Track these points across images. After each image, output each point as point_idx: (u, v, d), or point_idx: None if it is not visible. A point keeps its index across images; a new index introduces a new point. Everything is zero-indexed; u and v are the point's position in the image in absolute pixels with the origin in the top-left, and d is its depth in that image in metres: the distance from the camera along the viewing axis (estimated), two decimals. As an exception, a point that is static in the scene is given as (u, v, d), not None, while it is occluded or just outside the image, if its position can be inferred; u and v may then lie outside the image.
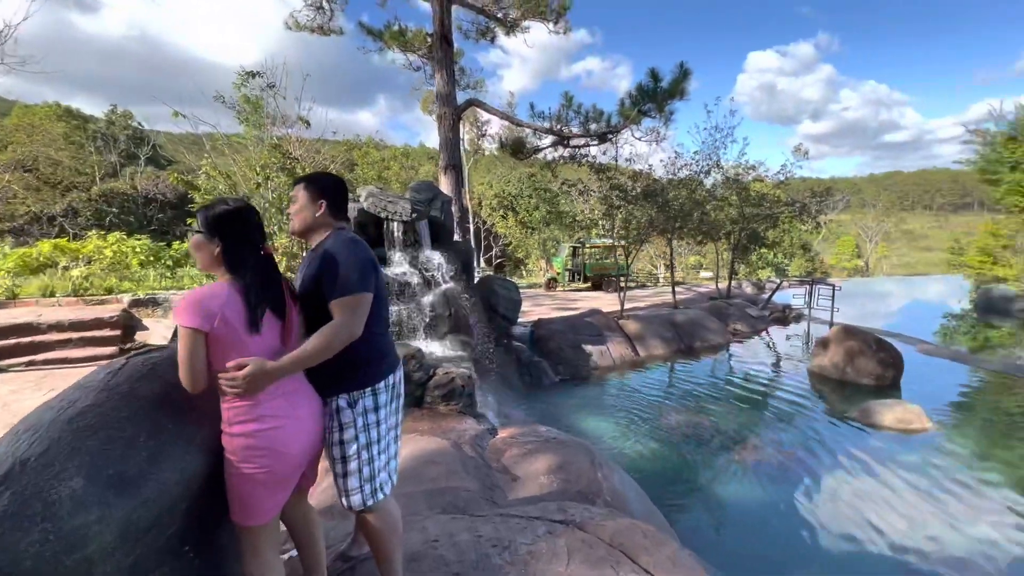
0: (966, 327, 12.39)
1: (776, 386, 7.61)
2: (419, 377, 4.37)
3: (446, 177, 9.41)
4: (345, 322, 1.59)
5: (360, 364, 1.72)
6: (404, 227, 6.40)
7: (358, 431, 1.70)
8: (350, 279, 1.61)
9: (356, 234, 1.85)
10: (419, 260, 6.39)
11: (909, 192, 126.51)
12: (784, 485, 4.59)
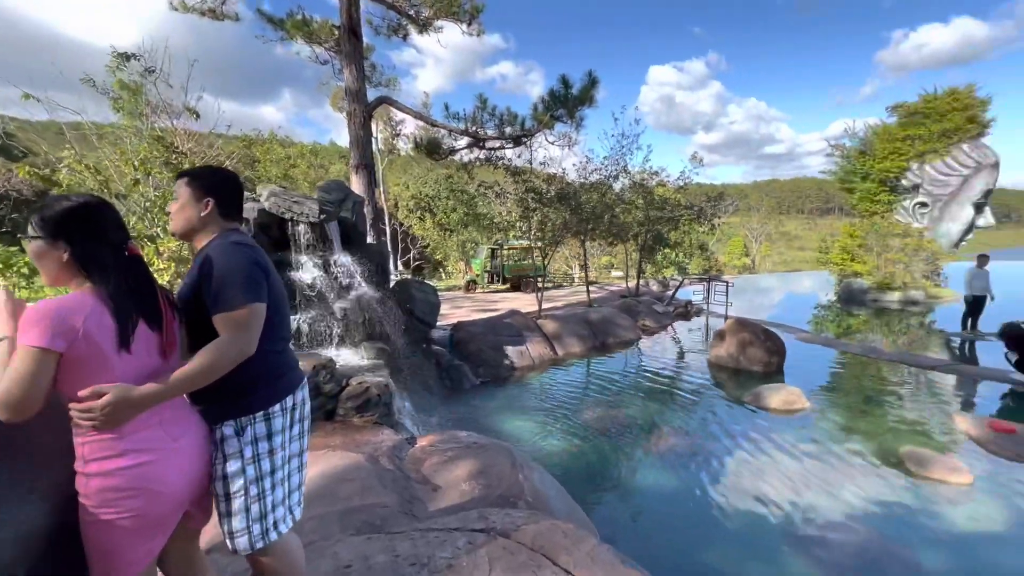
0: (832, 316, 14.18)
1: (681, 376, 8.19)
2: (331, 389, 4.11)
3: (358, 177, 9.00)
4: (233, 339, 1.38)
5: (249, 386, 1.51)
6: (312, 229, 6.00)
7: (245, 463, 1.48)
8: (234, 289, 1.40)
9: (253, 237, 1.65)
10: (330, 264, 6.03)
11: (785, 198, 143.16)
12: (691, 468, 4.93)
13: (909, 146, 15.18)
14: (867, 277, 15.35)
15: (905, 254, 14.85)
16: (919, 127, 15.07)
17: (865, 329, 12.18)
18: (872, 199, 16.10)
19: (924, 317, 13.40)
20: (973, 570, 3.49)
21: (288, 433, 1.60)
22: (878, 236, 15.37)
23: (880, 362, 8.62)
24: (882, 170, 15.61)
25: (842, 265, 16.26)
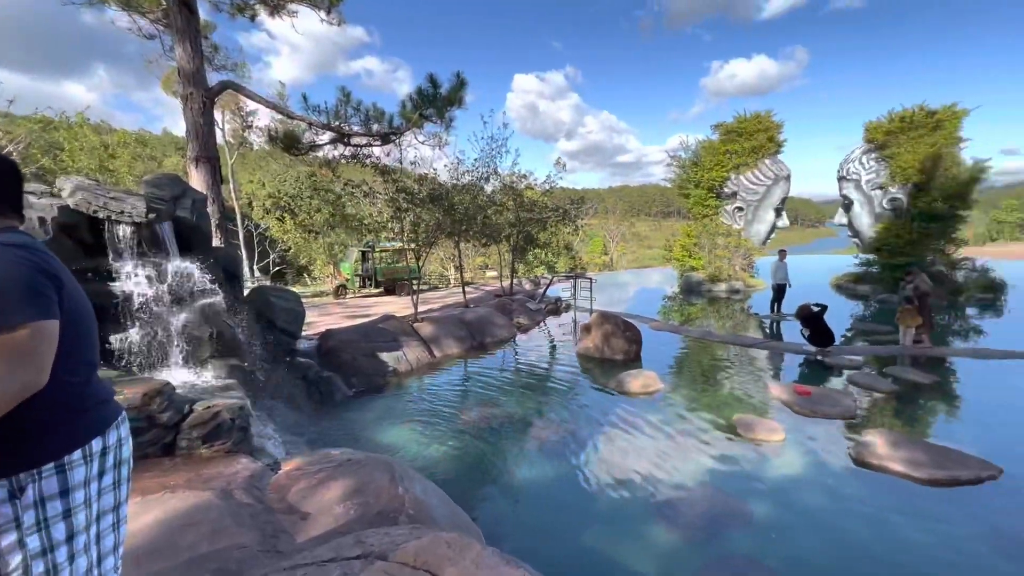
0: (676, 306, 16.18)
1: (554, 370, 8.63)
2: (169, 418, 3.49)
3: (198, 171, 7.84)
4: (10, 369, 1.07)
5: (34, 430, 1.17)
6: (138, 230, 5.07)
7: (25, 533, 1.15)
8: (8, 303, 1.10)
9: (53, 241, 1.28)
10: (164, 272, 5.15)
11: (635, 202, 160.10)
12: (566, 455, 5.21)
13: (728, 159, 18.04)
14: (702, 271, 17.86)
15: (728, 251, 17.62)
16: (735, 143, 17.99)
17: (702, 316, 14.10)
18: (703, 204, 18.79)
19: (744, 303, 15.96)
20: (788, 507, 4.22)
21: (96, 485, 1.28)
22: (708, 235, 17.99)
23: (714, 344, 10.05)
24: (710, 179, 18.31)
25: (682, 261, 18.68)
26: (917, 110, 15.52)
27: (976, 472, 4.56)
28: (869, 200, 16.93)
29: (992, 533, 3.85)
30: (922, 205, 15.07)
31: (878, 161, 16.51)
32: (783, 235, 19.61)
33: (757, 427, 5.62)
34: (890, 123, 16.11)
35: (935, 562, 3.55)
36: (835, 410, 6.20)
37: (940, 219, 14.98)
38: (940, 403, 6.72)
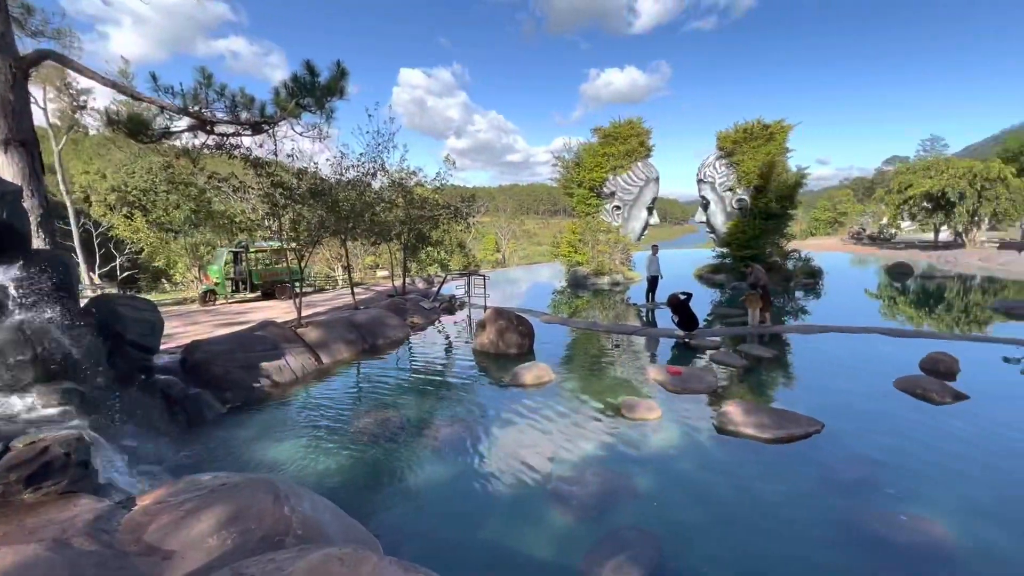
0: (565, 299, 17.05)
1: (451, 368, 8.60)
2: (-26, 461, 2.83)
3: (8, 156, 6.44)
4: None
5: None
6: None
7: None
8: None
9: None
10: (-41, 281, 4.16)
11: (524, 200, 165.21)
12: (465, 453, 5.22)
13: (606, 161, 19.45)
14: (586, 266, 19.04)
15: (609, 246, 19.00)
16: (611, 147, 19.46)
17: (588, 308, 15.03)
18: (586, 203, 20.05)
19: (624, 295, 17.32)
20: (666, 476, 4.68)
21: None
22: (591, 232, 19.23)
23: (599, 333, 10.77)
24: (591, 179, 19.59)
25: (569, 257, 19.74)
26: (755, 123, 18.17)
27: (805, 428, 5.47)
28: (722, 200, 19.43)
29: (819, 476, 4.65)
30: (761, 205, 17.69)
31: (728, 166, 19.01)
32: (655, 232, 21.67)
33: (638, 407, 6.15)
34: (735, 133, 18.65)
35: (781, 505, 4.19)
36: (701, 386, 7.02)
37: (775, 217, 17.72)
38: (778, 373, 7.94)
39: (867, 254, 29.49)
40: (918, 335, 9.68)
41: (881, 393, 6.63)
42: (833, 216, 51.80)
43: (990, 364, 7.91)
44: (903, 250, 28.67)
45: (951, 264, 22.84)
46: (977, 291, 16.12)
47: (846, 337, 9.71)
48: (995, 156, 31.38)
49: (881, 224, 37.09)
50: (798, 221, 54.00)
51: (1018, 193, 25.15)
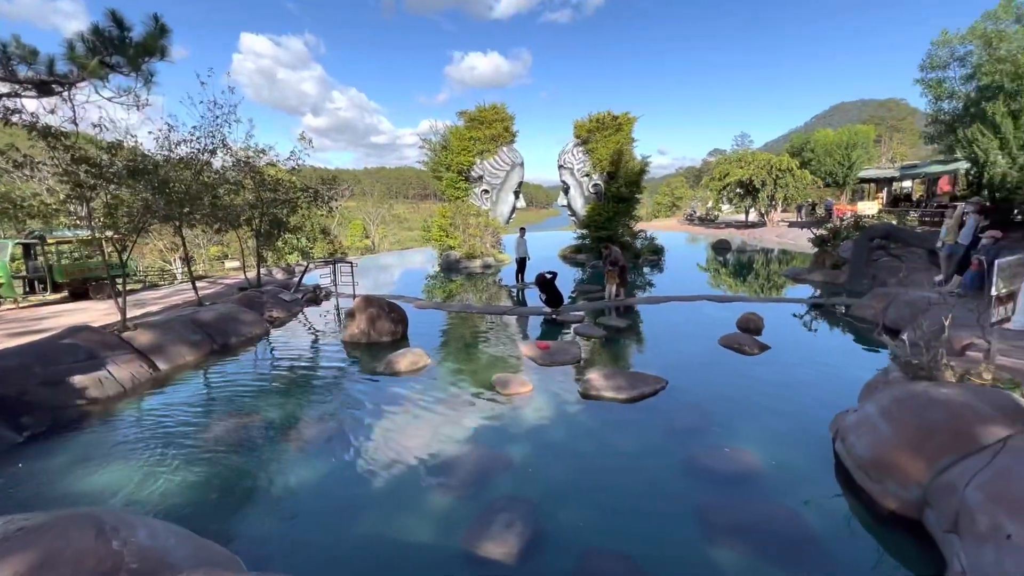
0: (439, 284, 16.99)
1: (318, 362, 8.06)
2: None
3: None
4: None
5: None
6: None
7: None
8: None
9: None
10: None
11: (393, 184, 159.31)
12: (338, 450, 4.97)
13: (473, 145, 19.61)
14: (458, 249, 19.13)
15: (480, 230, 19.32)
16: (477, 131, 19.65)
17: (462, 291, 15.16)
18: (455, 186, 20.03)
19: (496, 276, 17.80)
20: (538, 445, 4.99)
21: None
22: (462, 216, 19.34)
23: (473, 315, 10.97)
24: (459, 163, 19.59)
25: (441, 241, 19.63)
26: (606, 114, 19.79)
27: (653, 387, 6.24)
28: (580, 185, 20.91)
29: (665, 425, 5.36)
30: (613, 190, 19.45)
31: (584, 153, 20.48)
32: (522, 215, 22.55)
33: (511, 383, 6.43)
34: (589, 123, 20.12)
35: (636, 454, 4.76)
36: (567, 357, 7.57)
37: (625, 201, 19.63)
38: (632, 340, 8.90)
39: (697, 233, 34.30)
40: (735, 299, 11.60)
41: (709, 350, 7.84)
42: (671, 200, 58.98)
43: (784, 319, 9.81)
44: (724, 229, 33.92)
45: (757, 240, 27.65)
46: (775, 262, 19.77)
47: (683, 305, 11.24)
48: (785, 151, 38.51)
49: (707, 207, 43.34)
50: (643, 205, 60.47)
51: (800, 181, 31.29)
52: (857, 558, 3.40)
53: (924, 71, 20.96)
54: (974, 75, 18.74)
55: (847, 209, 26.23)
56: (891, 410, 4.14)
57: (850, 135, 36.03)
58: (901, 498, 3.71)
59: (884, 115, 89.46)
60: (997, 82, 17.02)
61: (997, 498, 3.01)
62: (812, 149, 37.20)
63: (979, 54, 18.53)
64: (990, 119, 16.08)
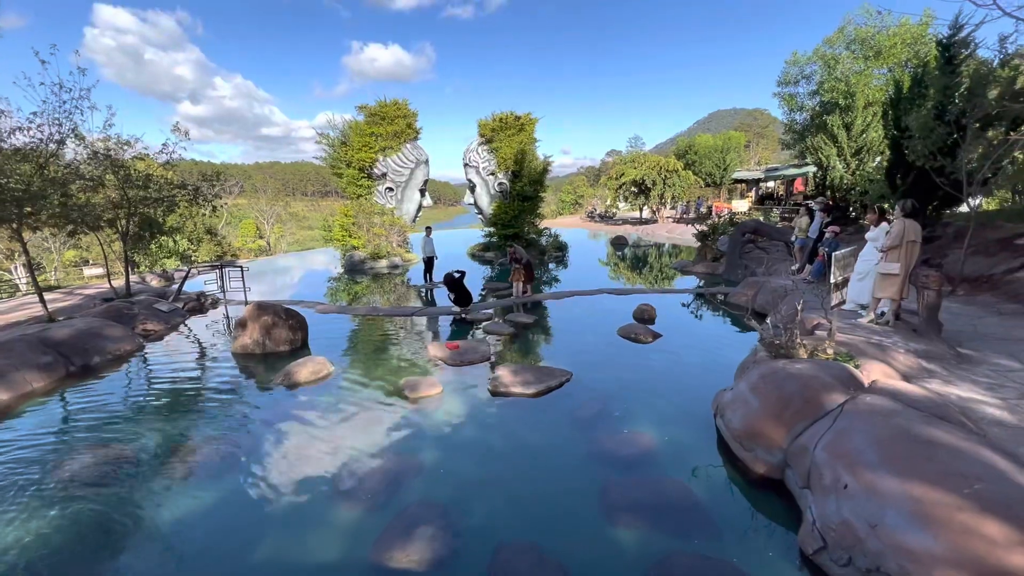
0: (343, 286, 16.20)
1: (206, 378, 7.32)
2: None
3: None
4: None
5: None
6: None
7: None
8: None
9: None
10: None
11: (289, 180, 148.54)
12: (228, 472, 4.58)
13: (375, 141, 18.90)
14: (363, 249, 18.36)
15: (384, 229, 18.71)
16: (379, 127, 18.98)
17: (368, 293, 14.61)
18: (356, 184, 19.18)
19: (404, 277, 17.39)
20: (449, 446, 4.99)
21: None
22: (365, 215, 18.58)
23: (380, 318, 10.63)
24: (359, 159, 18.77)
25: (343, 241, 18.70)
26: (509, 114, 20.16)
27: (559, 379, 6.51)
28: (486, 184, 21.11)
29: (571, 415, 5.62)
30: (518, 188, 19.90)
31: (489, 152, 20.69)
32: (430, 213, 22.25)
33: (420, 386, 6.35)
34: (493, 122, 20.37)
35: (543, 446, 4.94)
36: (477, 356, 7.64)
37: (529, 199, 20.18)
38: (539, 335, 9.20)
39: (598, 229, 36.22)
40: (632, 292, 12.46)
41: (609, 341, 8.35)
42: (574, 198, 61.61)
43: (674, 308, 10.74)
44: (621, 226, 36.16)
45: (650, 235, 29.89)
46: (666, 255, 21.53)
47: (585, 298, 11.84)
48: (672, 153, 42.02)
49: (607, 205, 45.95)
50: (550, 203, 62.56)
51: (685, 181, 34.39)
52: (734, 518, 3.85)
53: (780, 86, 24.02)
54: (818, 91, 21.84)
55: (725, 207, 29.28)
56: (758, 386, 4.73)
57: (725, 140, 40.23)
58: (767, 462, 4.26)
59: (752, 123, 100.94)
60: (834, 98, 20.01)
61: (837, 455, 3.58)
62: (696, 152, 41.01)
63: (821, 73, 21.63)
64: (830, 130, 18.90)
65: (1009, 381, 4.76)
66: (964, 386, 4.65)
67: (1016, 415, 4.03)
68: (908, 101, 11.74)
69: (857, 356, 5.08)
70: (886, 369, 4.82)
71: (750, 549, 3.51)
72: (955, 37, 10.69)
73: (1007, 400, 4.32)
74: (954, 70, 10.45)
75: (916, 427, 3.52)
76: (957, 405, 4.22)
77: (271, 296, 12.94)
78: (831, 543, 3.15)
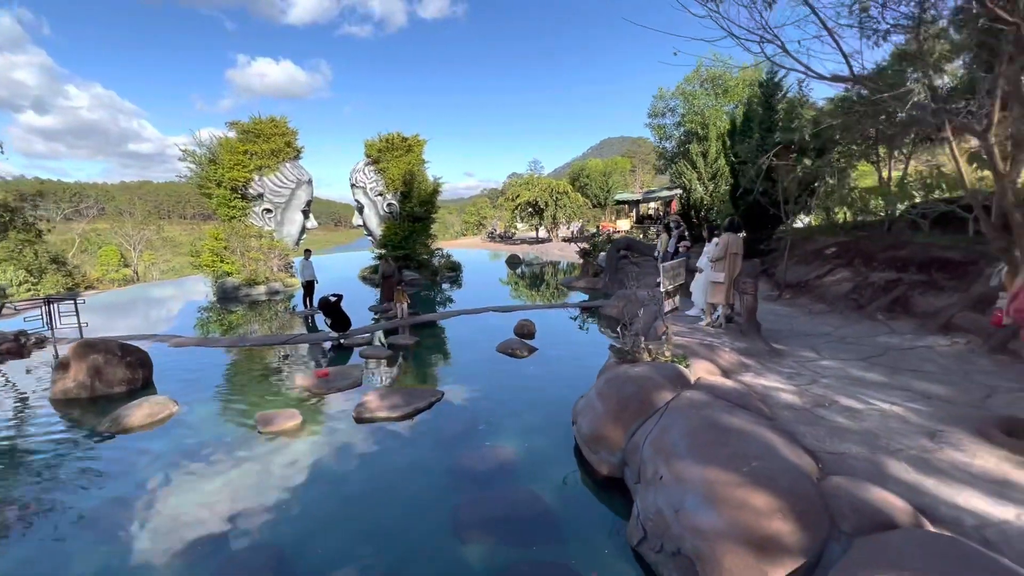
0: (215, 315, 14.70)
1: (16, 433, 6.13)
2: None
3: None
4: None
5: None
6: None
7: None
8: None
9: None
10: None
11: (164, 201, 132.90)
12: (27, 545, 3.84)
13: (249, 159, 17.59)
14: (236, 275, 16.84)
15: (262, 252, 17.37)
16: (253, 144, 17.71)
17: (244, 322, 13.39)
18: (229, 205, 17.61)
19: (287, 303, 16.22)
20: (305, 481, 4.65)
21: None
22: (239, 238, 17.10)
23: (249, 349, 9.77)
24: (231, 178, 17.29)
25: (214, 266, 17.02)
26: (395, 135, 20.01)
27: (429, 400, 6.42)
28: (375, 204, 20.59)
29: (436, 437, 5.54)
30: (408, 209, 19.68)
31: (376, 172, 20.26)
32: (331, 235, 21.14)
33: (276, 419, 5.89)
34: (380, 143, 20.05)
35: (404, 471, 4.81)
36: (347, 382, 7.29)
37: (420, 220, 20.04)
38: (419, 356, 9.04)
39: (498, 249, 36.96)
40: (517, 308, 12.78)
41: (486, 358, 8.44)
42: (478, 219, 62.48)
43: (556, 322, 11.18)
44: (519, 245, 37.25)
45: (544, 254, 31.12)
46: (556, 273, 22.50)
47: (472, 317, 11.91)
48: (568, 176, 44.48)
49: (505, 225, 47.19)
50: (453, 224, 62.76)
51: (574, 203, 36.54)
52: (578, 521, 4.01)
53: (651, 117, 26.61)
54: (681, 123, 24.52)
55: (611, 226, 31.47)
56: (603, 390, 5.04)
57: (612, 165, 43.54)
58: (610, 463, 4.52)
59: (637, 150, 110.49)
60: (694, 129, 22.60)
61: (658, 449, 3.89)
62: (587, 175, 43.78)
63: (683, 107, 24.35)
64: (690, 157, 21.26)
65: (805, 370, 5.58)
66: (771, 376, 5.36)
67: (803, 398, 4.71)
68: (741, 134, 13.63)
69: (690, 356, 5.64)
70: (710, 367, 5.40)
71: (589, 549, 3.67)
72: (771, 80, 12.67)
73: (800, 386, 5.04)
74: (772, 108, 12.34)
75: (719, 417, 3.96)
76: (760, 393, 4.84)
77: (125, 331, 11.34)
78: (650, 533, 3.39)
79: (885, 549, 2.41)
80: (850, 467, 3.45)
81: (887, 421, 4.16)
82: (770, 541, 2.74)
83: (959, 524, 2.81)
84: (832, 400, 4.64)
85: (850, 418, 4.27)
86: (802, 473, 3.19)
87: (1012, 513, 2.87)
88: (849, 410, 4.43)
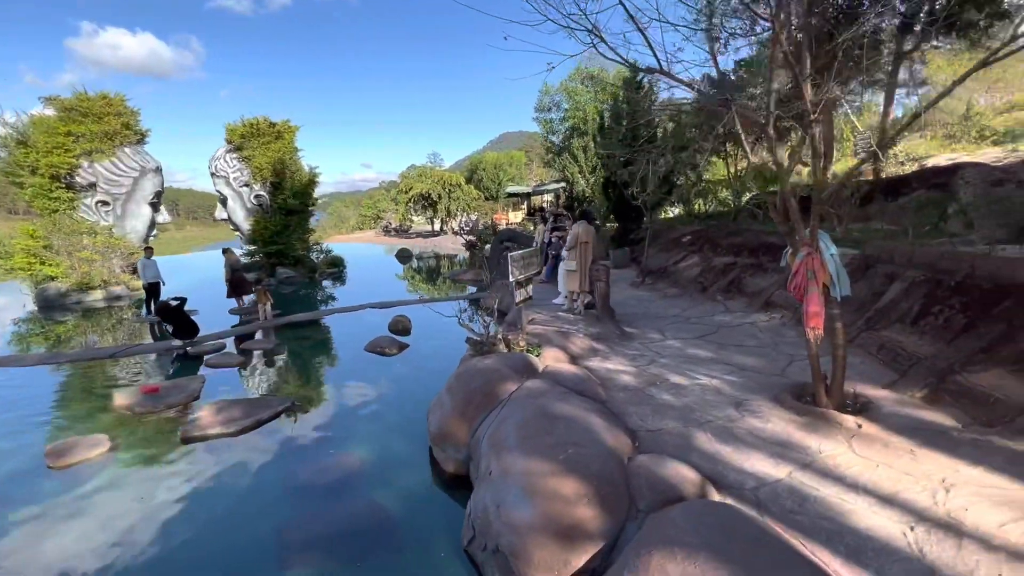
0: (39, 328, 12.31)
1: None
2: None
3: None
4: None
5: None
6: None
7: None
8: None
9: None
10: None
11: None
12: None
13: (74, 143, 14.87)
14: (63, 280, 14.22)
15: (98, 252, 14.84)
16: (79, 124, 14.98)
17: (75, 333, 11.36)
18: (48, 196, 14.71)
19: (136, 309, 14.04)
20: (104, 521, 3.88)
21: None
22: (65, 235, 14.42)
23: (64, 365, 8.24)
24: (50, 165, 14.47)
25: (31, 270, 14.21)
26: (262, 120, 18.19)
27: (275, 409, 5.83)
28: (239, 196, 18.62)
29: (275, 451, 5.03)
30: (280, 201, 18.08)
31: (240, 161, 18.31)
32: (208, 231, 18.65)
33: (76, 448, 4.97)
34: (243, 128, 18.10)
35: (229, 494, 4.26)
36: (182, 396, 6.41)
37: (296, 213, 18.53)
38: (276, 360, 8.27)
39: (391, 243, 35.69)
40: (396, 304, 12.30)
41: (352, 357, 7.96)
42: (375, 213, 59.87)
43: (435, 317, 10.88)
44: (414, 239, 36.36)
45: (436, 247, 30.68)
46: (445, 266, 22.22)
47: (347, 316, 11.24)
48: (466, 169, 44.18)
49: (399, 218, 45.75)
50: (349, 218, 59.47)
51: (467, 195, 36.48)
52: (419, 525, 3.82)
53: (537, 112, 27.20)
54: (565, 118, 25.38)
55: (503, 218, 31.84)
56: (452, 385, 4.91)
57: (506, 158, 44.01)
58: (456, 460, 4.39)
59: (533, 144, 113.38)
60: (576, 124, 23.51)
61: (493, 443, 3.82)
62: (483, 169, 43.83)
63: (567, 103, 25.19)
64: (572, 151, 22.12)
65: (648, 351, 5.94)
66: (616, 360, 5.62)
67: (639, 379, 4.98)
68: (610, 129, 14.39)
69: (544, 345, 5.72)
70: (559, 354, 5.53)
71: (424, 554, 3.50)
72: (634, 78, 13.48)
73: (639, 367, 5.33)
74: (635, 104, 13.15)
75: (552, 405, 4.00)
76: (603, 377, 5.03)
77: None
78: (477, 531, 3.30)
79: (664, 524, 2.53)
80: (663, 443, 3.65)
81: (704, 394, 4.52)
82: (574, 529, 2.77)
83: (741, 488, 3.06)
84: (664, 379, 4.96)
85: (675, 395, 4.57)
86: (613, 456, 3.29)
87: (784, 472, 3.20)
88: (676, 387, 4.75)
